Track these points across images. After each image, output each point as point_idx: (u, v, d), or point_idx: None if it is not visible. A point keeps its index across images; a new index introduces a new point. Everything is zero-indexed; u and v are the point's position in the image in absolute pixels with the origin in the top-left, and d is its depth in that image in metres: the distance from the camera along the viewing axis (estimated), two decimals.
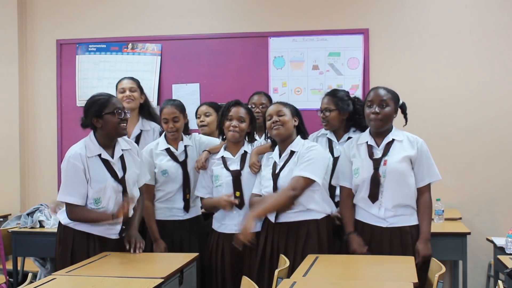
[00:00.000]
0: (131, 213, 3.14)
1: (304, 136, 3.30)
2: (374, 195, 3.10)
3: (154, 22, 5.23)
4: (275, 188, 3.17)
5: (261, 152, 3.39)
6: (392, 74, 4.82)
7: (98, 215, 3.01)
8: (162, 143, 3.54)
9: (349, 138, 3.49)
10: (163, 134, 3.59)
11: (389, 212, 3.09)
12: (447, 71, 4.86)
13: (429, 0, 4.92)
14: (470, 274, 4.40)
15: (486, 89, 4.80)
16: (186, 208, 3.51)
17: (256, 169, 3.33)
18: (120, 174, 3.08)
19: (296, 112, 3.27)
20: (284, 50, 5.03)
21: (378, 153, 3.13)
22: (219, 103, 5.01)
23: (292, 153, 3.21)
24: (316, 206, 3.16)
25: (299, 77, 5.01)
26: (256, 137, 3.59)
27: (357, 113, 3.52)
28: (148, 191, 3.46)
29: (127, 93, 3.97)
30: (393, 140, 3.14)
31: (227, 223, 3.38)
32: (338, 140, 3.53)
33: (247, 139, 3.47)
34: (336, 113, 3.50)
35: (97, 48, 5.27)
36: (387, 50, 4.92)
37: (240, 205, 3.35)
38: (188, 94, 5.04)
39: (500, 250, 3.63)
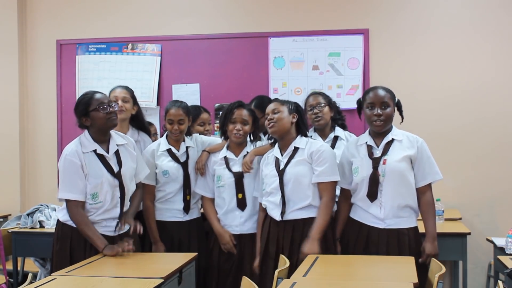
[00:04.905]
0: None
1: (303, 133, 3.27)
2: (372, 194, 3.10)
3: (154, 22, 5.23)
4: (281, 184, 3.15)
5: (260, 153, 3.38)
6: (392, 74, 4.82)
7: (92, 235, 2.97)
8: (163, 144, 3.53)
9: (335, 137, 3.56)
10: (165, 135, 3.58)
11: (389, 212, 3.08)
12: (447, 71, 4.86)
13: (429, 0, 4.93)
14: (470, 274, 4.40)
15: (486, 89, 4.80)
16: (186, 209, 3.50)
17: (247, 168, 3.32)
18: (115, 168, 3.09)
19: (296, 109, 3.25)
20: (284, 50, 5.04)
21: (377, 153, 3.12)
22: (217, 104, 5.06)
23: (296, 149, 3.20)
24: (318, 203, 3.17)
25: (299, 77, 5.01)
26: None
27: (340, 114, 3.72)
28: (148, 192, 3.46)
29: (120, 103, 3.58)
30: (392, 139, 3.13)
31: (229, 224, 3.39)
32: (324, 140, 3.56)
33: (249, 139, 3.46)
34: (328, 108, 3.60)
35: (97, 48, 5.27)
36: (387, 50, 4.93)
37: (242, 207, 3.37)
38: (188, 94, 5.04)
39: (500, 250, 3.62)
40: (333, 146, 3.53)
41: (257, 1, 5.13)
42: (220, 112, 4.99)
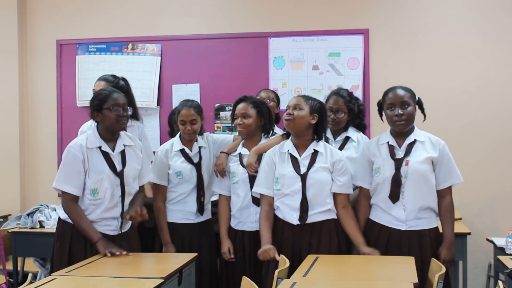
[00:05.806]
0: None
1: (320, 137, 3.17)
2: (394, 195, 3.06)
3: (154, 22, 5.23)
4: (303, 187, 3.08)
5: (262, 151, 3.30)
6: (392, 74, 4.81)
7: (86, 227, 2.99)
8: (177, 144, 3.49)
9: (347, 137, 3.47)
10: (178, 135, 3.53)
11: (411, 214, 3.05)
12: (447, 71, 4.86)
13: (429, 0, 4.93)
14: (470, 274, 4.39)
15: (487, 89, 4.81)
16: (200, 211, 3.46)
17: (252, 170, 3.24)
18: (119, 167, 3.09)
19: (318, 110, 3.14)
20: (284, 50, 5.04)
21: (399, 153, 3.09)
22: (217, 104, 5.06)
23: (315, 152, 3.13)
24: (333, 206, 3.15)
25: (299, 78, 5.01)
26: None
27: (359, 114, 3.52)
28: (160, 192, 3.44)
29: None
30: (415, 140, 3.10)
31: (245, 220, 3.33)
32: (334, 139, 3.49)
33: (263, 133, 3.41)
34: (347, 115, 3.47)
35: (97, 49, 5.27)
36: (387, 50, 4.93)
37: (258, 203, 3.27)
38: (188, 94, 5.03)
39: (500, 250, 3.63)
40: (342, 146, 3.44)
41: (257, 1, 5.13)
42: (221, 112, 5.05)
